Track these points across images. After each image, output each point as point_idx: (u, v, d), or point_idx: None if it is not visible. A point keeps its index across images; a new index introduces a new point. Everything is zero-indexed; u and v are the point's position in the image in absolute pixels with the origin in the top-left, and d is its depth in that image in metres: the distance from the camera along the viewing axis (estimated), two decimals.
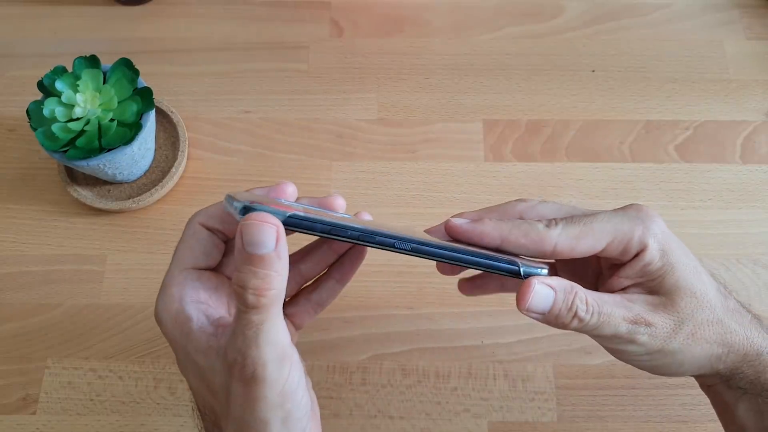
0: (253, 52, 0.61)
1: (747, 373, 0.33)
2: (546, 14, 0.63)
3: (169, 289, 0.30)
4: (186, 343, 0.30)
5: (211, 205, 0.32)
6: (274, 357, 0.27)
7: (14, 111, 0.58)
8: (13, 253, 0.53)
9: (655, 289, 0.32)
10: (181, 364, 0.31)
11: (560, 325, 0.31)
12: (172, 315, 0.30)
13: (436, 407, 0.48)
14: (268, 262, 0.26)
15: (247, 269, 0.26)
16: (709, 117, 0.58)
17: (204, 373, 0.29)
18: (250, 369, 0.27)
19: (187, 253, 0.31)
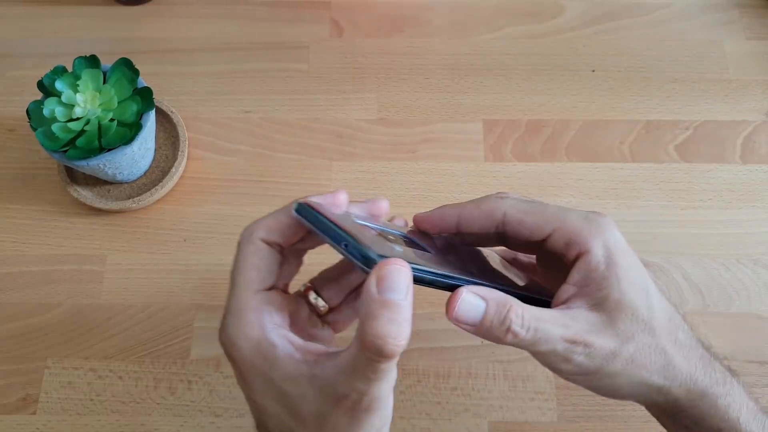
0: (253, 52, 0.61)
1: (691, 413, 0.31)
2: (546, 14, 0.63)
3: (244, 314, 0.29)
4: (270, 371, 0.28)
5: (267, 218, 0.31)
6: (388, 391, 0.27)
7: (14, 111, 0.58)
8: (13, 253, 0.53)
9: (599, 303, 0.30)
10: (257, 389, 0.29)
11: (494, 338, 0.30)
12: (253, 342, 0.29)
13: (436, 407, 0.48)
14: (404, 309, 0.25)
15: (385, 317, 0.25)
16: (709, 117, 0.58)
17: (290, 400, 0.28)
18: (365, 404, 0.27)
19: (255, 274, 0.30)
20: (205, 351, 0.49)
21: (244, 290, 0.29)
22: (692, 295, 0.51)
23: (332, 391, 0.27)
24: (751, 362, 0.49)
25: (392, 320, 0.25)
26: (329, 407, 0.27)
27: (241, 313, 0.29)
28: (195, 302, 0.51)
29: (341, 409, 0.27)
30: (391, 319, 0.25)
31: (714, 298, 0.51)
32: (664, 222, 0.54)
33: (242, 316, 0.29)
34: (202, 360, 0.49)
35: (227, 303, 0.30)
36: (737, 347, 0.50)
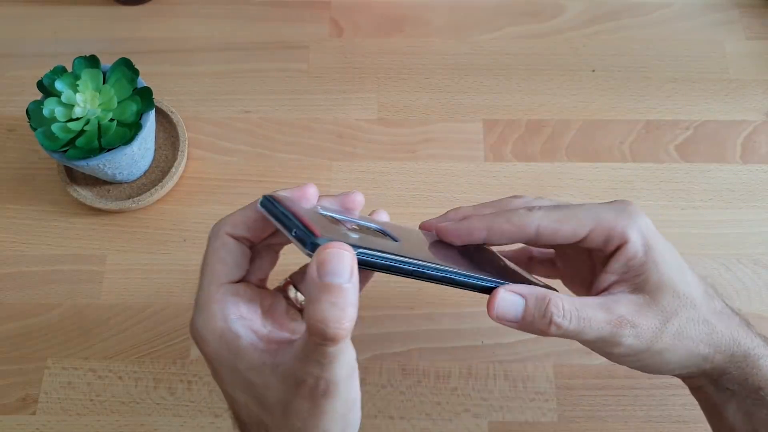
0: (253, 52, 0.61)
1: (734, 375, 0.33)
2: (546, 14, 0.63)
3: (208, 306, 0.29)
4: (236, 361, 0.29)
5: (234, 213, 0.31)
6: (345, 375, 0.27)
7: (14, 111, 0.58)
8: (13, 253, 0.53)
9: (640, 286, 0.32)
10: (225, 380, 0.30)
11: (539, 331, 0.31)
12: (218, 334, 0.29)
13: (436, 407, 0.48)
14: (345, 292, 0.25)
15: (325, 301, 0.25)
16: (709, 117, 0.58)
17: (256, 389, 0.29)
18: (322, 388, 0.27)
19: (220, 267, 0.30)
20: None
21: (210, 284, 0.30)
22: None
23: (292, 377, 0.27)
24: None
25: (334, 304, 0.25)
26: (291, 394, 0.28)
27: (206, 306, 0.29)
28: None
29: (301, 396, 0.27)
30: (333, 302, 0.25)
31: None
32: (664, 222, 0.54)
33: (207, 308, 0.29)
34: (202, 360, 0.49)
35: (195, 298, 0.30)
36: None
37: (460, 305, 0.51)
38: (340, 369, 0.27)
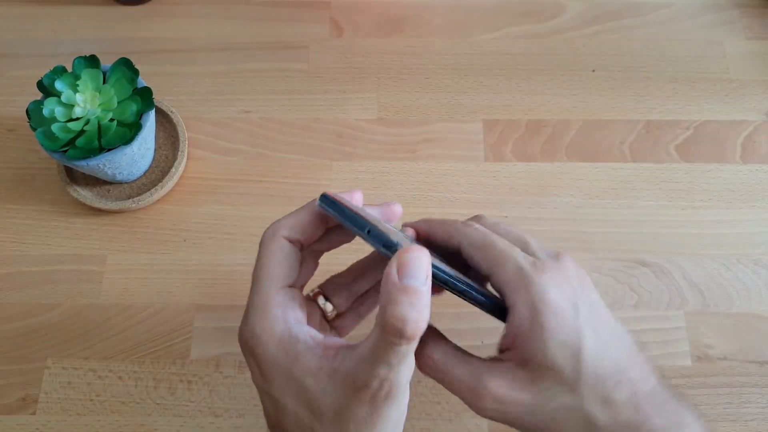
0: (253, 52, 0.61)
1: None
2: (546, 14, 0.63)
3: (269, 309, 0.29)
4: (292, 366, 0.29)
5: (289, 216, 0.32)
6: (407, 379, 0.28)
7: (14, 111, 0.58)
8: (13, 253, 0.53)
9: (525, 361, 0.30)
10: (277, 386, 0.30)
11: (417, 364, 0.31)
12: (277, 337, 0.29)
13: (436, 407, 0.48)
14: (423, 295, 0.26)
15: (405, 302, 0.25)
16: (709, 117, 0.58)
17: (311, 395, 0.29)
18: (386, 390, 0.27)
19: (279, 270, 0.30)
20: (205, 351, 0.49)
21: (269, 286, 0.30)
22: (692, 295, 0.51)
23: (352, 381, 0.28)
24: (751, 362, 0.49)
25: (412, 305, 0.26)
26: (349, 399, 0.28)
27: (265, 307, 0.29)
28: (195, 302, 0.51)
29: (361, 400, 0.28)
30: (411, 303, 0.26)
31: (714, 298, 0.51)
32: (664, 222, 0.54)
33: (267, 310, 0.29)
34: (202, 360, 0.49)
35: (250, 299, 0.30)
36: (737, 347, 0.49)
37: (460, 305, 0.50)
38: (407, 370, 0.27)
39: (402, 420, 0.29)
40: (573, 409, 0.30)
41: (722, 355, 0.49)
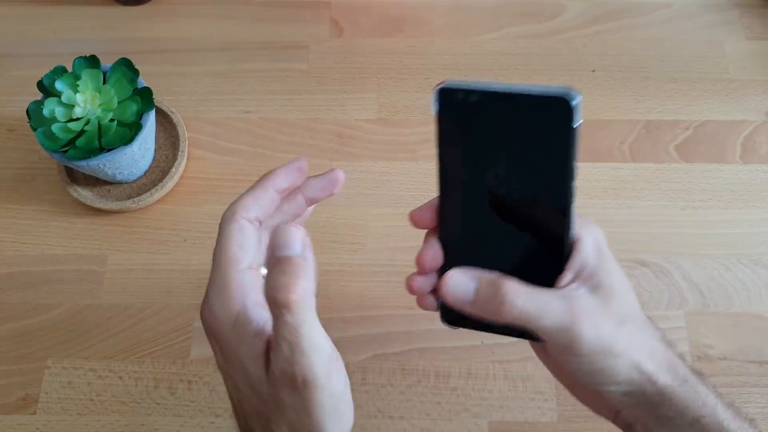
0: (253, 52, 0.61)
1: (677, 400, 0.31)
2: (546, 14, 0.63)
3: (228, 289, 0.30)
4: (239, 348, 0.29)
5: (246, 194, 0.32)
6: (320, 361, 0.28)
7: (14, 111, 0.58)
8: (13, 253, 0.53)
9: (595, 287, 0.31)
10: (227, 365, 0.30)
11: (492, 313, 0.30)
12: (233, 318, 0.30)
13: (436, 407, 0.48)
14: (295, 262, 0.27)
15: (277, 271, 0.27)
16: (709, 117, 0.58)
17: (253, 380, 0.29)
18: (299, 376, 0.27)
19: (239, 252, 0.31)
20: (205, 351, 0.49)
21: (229, 267, 0.30)
22: (692, 295, 0.51)
23: (272, 369, 0.28)
24: (751, 362, 0.49)
25: (283, 272, 0.27)
26: (276, 387, 0.28)
27: (225, 289, 0.30)
28: (195, 302, 0.51)
29: (284, 387, 0.28)
30: (283, 271, 0.27)
31: (714, 298, 0.51)
32: (664, 222, 0.54)
33: (226, 291, 0.30)
34: (202, 360, 0.49)
35: (210, 280, 0.31)
36: (737, 347, 0.50)
37: None
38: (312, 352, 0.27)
39: (342, 404, 0.29)
40: (642, 333, 0.31)
41: (722, 355, 0.49)
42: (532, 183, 0.30)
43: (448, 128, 0.30)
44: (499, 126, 0.30)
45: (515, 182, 0.31)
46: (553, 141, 0.29)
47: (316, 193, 0.35)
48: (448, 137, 0.31)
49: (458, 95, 0.29)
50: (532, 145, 0.30)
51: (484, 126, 0.30)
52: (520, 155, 0.30)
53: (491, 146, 0.30)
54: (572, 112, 0.28)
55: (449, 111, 0.30)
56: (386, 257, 0.52)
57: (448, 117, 0.30)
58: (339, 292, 0.51)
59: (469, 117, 0.30)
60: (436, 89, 0.30)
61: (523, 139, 0.30)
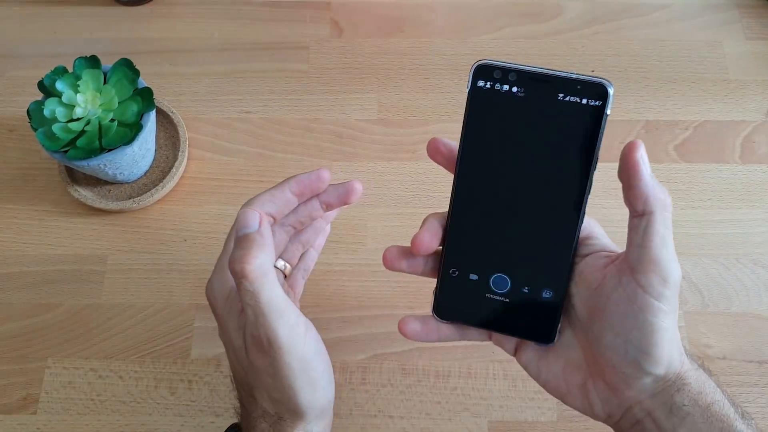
0: (253, 52, 0.61)
1: (692, 385, 0.31)
2: (546, 14, 0.63)
3: (226, 270, 0.34)
4: (227, 321, 0.34)
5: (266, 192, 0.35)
6: (284, 324, 0.31)
7: (14, 111, 0.58)
8: (14, 253, 0.53)
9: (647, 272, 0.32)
10: (223, 337, 0.35)
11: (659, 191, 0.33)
12: (225, 294, 0.34)
13: (436, 407, 0.48)
14: (251, 237, 0.31)
15: (237, 247, 0.31)
16: (708, 117, 0.58)
17: (236, 350, 0.33)
18: (264, 338, 0.31)
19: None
20: (205, 351, 0.49)
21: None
22: (692, 295, 0.51)
23: (246, 336, 0.32)
24: (750, 362, 0.49)
25: (241, 247, 0.31)
26: (251, 353, 0.32)
27: (224, 268, 0.34)
28: (195, 302, 0.51)
29: (255, 352, 0.32)
30: (240, 246, 0.31)
31: (714, 298, 0.51)
32: None
33: (225, 271, 0.34)
34: (203, 360, 0.49)
35: (217, 262, 0.36)
36: (737, 347, 0.50)
37: None
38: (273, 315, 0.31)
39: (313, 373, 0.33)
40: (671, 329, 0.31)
41: (721, 355, 0.49)
42: (556, 168, 0.31)
43: (479, 106, 0.31)
44: (532, 107, 0.30)
45: (538, 165, 0.31)
46: (583, 127, 0.30)
47: (332, 200, 0.37)
48: (478, 116, 0.31)
49: (496, 73, 0.30)
50: (562, 129, 0.30)
51: (516, 106, 0.31)
52: (548, 138, 0.31)
53: (521, 127, 0.31)
54: (608, 98, 0.29)
55: (483, 88, 0.31)
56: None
57: (482, 95, 0.31)
58: (338, 292, 0.51)
59: (503, 96, 0.31)
60: (474, 65, 0.31)
61: (554, 122, 0.30)
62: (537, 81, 0.30)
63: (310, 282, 0.51)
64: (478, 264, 0.33)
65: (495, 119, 0.31)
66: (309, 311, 0.50)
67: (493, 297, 0.34)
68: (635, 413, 0.33)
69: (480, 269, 0.33)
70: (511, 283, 0.33)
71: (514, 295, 0.33)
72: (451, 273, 0.34)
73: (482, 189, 0.32)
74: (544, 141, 0.31)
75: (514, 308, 0.34)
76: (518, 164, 0.31)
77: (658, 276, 0.30)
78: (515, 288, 0.33)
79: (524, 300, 0.33)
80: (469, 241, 0.33)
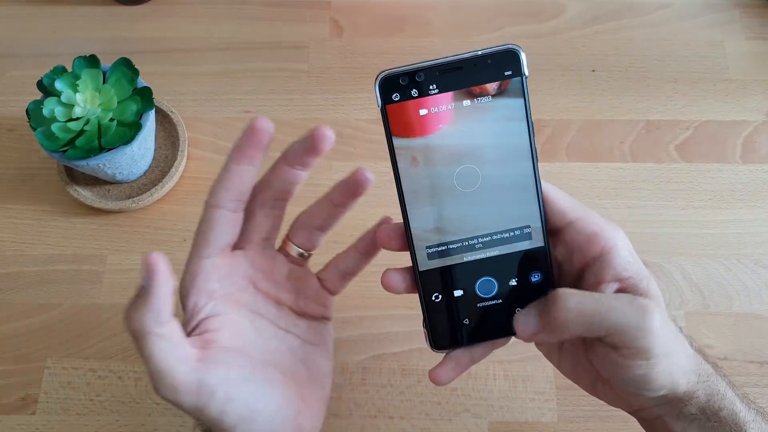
0: (253, 52, 0.61)
1: (700, 398, 0.31)
2: (546, 14, 0.63)
3: (184, 275, 0.31)
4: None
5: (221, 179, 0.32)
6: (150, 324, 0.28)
7: (14, 111, 0.58)
8: (13, 253, 0.53)
9: (644, 292, 0.31)
10: None
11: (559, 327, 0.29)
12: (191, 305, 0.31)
13: (436, 407, 0.48)
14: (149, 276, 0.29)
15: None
16: (709, 117, 0.58)
17: None
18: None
19: (201, 241, 0.31)
20: None
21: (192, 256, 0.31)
22: (692, 295, 0.51)
23: None
24: (751, 362, 0.49)
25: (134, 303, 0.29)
26: None
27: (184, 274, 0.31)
28: None
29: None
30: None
31: (714, 298, 0.51)
32: (664, 222, 0.54)
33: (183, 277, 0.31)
34: None
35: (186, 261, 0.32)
36: (737, 347, 0.49)
37: None
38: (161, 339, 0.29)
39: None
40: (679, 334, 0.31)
41: (722, 355, 0.49)
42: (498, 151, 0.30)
43: (398, 118, 0.30)
44: (452, 98, 0.30)
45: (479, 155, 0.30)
46: (508, 98, 0.30)
47: (297, 155, 0.33)
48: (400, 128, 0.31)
49: (402, 79, 0.30)
50: (489, 108, 0.30)
51: (434, 104, 0.30)
52: (478, 122, 0.30)
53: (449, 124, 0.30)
54: (521, 62, 0.30)
55: (396, 100, 0.30)
56: (386, 257, 0.52)
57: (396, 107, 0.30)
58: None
59: (419, 100, 0.30)
60: (377, 81, 0.30)
61: (478, 104, 0.30)
62: (446, 71, 0.29)
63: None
64: (456, 278, 0.32)
65: (418, 126, 0.30)
66: None
67: (486, 304, 0.33)
68: (645, 415, 0.33)
69: (460, 282, 0.32)
70: (497, 282, 0.32)
71: (504, 292, 0.32)
72: (435, 299, 0.33)
73: (433, 200, 0.31)
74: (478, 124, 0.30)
75: (511, 305, 0.33)
76: (460, 160, 0.30)
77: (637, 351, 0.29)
78: (503, 285, 0.32)
79: (517, 292, 0.32)
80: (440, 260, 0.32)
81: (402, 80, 0.30)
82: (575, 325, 0.29)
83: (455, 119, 0.30)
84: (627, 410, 0.34)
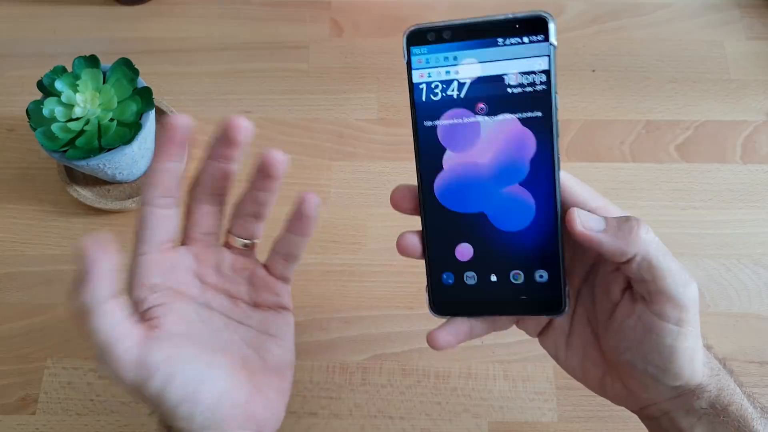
0: (253, 52, 0.61)
1: (711, 391, 0.32)
2: None
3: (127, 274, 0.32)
4: None
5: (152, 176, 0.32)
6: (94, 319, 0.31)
7: (14, 111, 0.58)
8: (13, 253, 0.53)
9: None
10: None
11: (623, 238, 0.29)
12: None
13: (436, 407, 0.48)
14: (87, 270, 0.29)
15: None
16: (709, 117, 0.58)
17: None
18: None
19: (137, 239, 0.33)
20: None
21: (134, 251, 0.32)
22: None
23: None
24: (751, 362, 0.49)
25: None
26: None
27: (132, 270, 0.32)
28: None
29: None
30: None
31: (714, 298, 0.51)
32: (664, 222, 0.54)
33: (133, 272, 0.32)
34: None
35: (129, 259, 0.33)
36: (737, 347, 0.49)
37: None
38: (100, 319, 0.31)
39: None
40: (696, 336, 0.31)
41: (722, 355, 0.49)
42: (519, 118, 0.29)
43: (422, 74, 0.30)
44: (476, 60, 0.29)
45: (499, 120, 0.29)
46: (533, 66, 0.29)
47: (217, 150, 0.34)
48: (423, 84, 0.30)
49: (430, 35, 0.29)
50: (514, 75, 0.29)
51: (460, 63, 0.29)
52: (502, 88, 0.29)
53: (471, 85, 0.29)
54: (548, 30, 0.28)
55: (422, 54, 0.30)
56: (386, 257, 0.52)
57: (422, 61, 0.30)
58: (339, 292, 0.51)
59: (445, 56, 0.29)
60: (405, 33, 0.29)
61: (503, 69, 0.29)
62: (474, 31, 0.29)
63: (310, 282, 0.51)
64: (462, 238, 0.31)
65: (441, 84, 0.30)
66: (309, 311, 0.50)
67: (489, 276, 0.31)
68: (652, 412, 0.33)
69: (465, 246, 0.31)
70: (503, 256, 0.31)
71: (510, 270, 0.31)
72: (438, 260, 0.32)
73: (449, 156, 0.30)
74: (502, 90, 0.29)
75: (514, 283, 0.31)
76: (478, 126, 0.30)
77: (674, 306, 0.29)
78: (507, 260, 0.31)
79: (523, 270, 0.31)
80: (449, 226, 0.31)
81: (429, 36, 0.29)
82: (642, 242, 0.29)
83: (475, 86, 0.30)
84: (633, 408, 0.34)
